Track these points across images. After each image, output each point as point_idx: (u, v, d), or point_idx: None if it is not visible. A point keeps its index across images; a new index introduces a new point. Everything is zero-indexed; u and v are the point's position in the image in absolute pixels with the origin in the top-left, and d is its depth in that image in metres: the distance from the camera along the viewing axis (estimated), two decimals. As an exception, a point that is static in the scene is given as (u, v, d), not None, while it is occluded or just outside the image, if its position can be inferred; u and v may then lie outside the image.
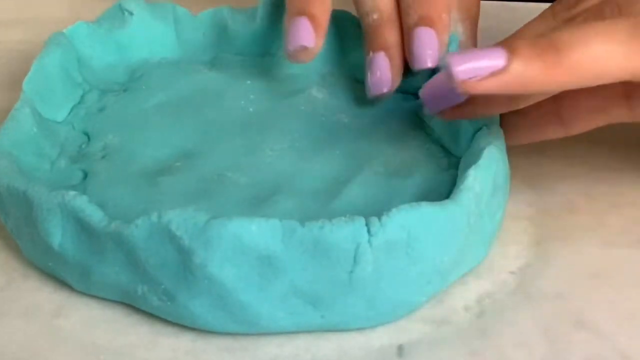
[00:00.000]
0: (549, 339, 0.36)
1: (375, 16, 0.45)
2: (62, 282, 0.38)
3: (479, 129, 0.40)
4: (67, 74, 0.45)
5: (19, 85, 0.42)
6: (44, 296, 0.38)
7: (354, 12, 0.47)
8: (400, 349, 0.36)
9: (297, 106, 0.45)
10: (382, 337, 0.36)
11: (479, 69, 0.34)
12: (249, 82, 0.47)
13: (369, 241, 0.33)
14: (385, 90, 0.44)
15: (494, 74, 0.34)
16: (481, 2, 0.48)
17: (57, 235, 0.36)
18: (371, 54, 0.45)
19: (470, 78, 0.34)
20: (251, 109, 0.45)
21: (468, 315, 0.37)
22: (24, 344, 0.36)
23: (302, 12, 0.43)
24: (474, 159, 0.37)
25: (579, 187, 0.44)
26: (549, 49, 0.35)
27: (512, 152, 0.40)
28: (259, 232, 0.33)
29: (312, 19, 0.43)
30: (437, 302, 0.37)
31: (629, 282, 0.39)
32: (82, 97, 0.46)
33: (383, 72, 0.44)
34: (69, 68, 0.45)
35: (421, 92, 0.41)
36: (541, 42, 0.35)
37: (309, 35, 0.42)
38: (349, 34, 0.48)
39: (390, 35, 0.45)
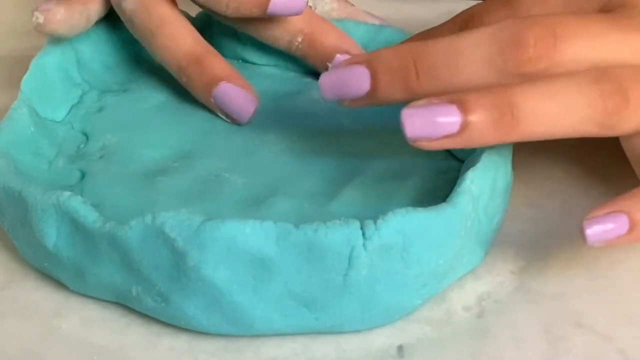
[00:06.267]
0: (549, 339, 0.36)
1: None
2: (60, 282, 0.38)
3: None
4: (66, 74, 0.45)
5: (18, 85, 0.42)
6: (42, 296, 0.38)
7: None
8: (400, 350, 0.36)
9: (296, 107, 0.45)
10: (381, 338, 0.36)
11: (432, 131, 0.34)
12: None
13: (364, 245, 0.33)
14: (252, 110, 0.43)
15: (448, 136, 0.34)
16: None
17: (52, 235, 0.36)
18: (214, 89, 0.43)
19: (421, 137, 0.34)
20: None
21: (468, 315, 0.37)
22: (22, 343, 0.36)
23: None
24: (474, 163, 0.37)
25: (579, 188, 0.44)
26: (504, 115, 0.34)
27: (513, 152, 0.40)
28: (252, 234, 0.33)
29: None
30: (437, 303, 0.37)
31: (628, 283, 0.38)
32: (81, 97, 0.46)
33: (241, 96, 0.43)
34: (68, 68, 0.45)
35: (321, 80, 0.37)
36: (496, 105, 0.34)
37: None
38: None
39: (222, 68, 0.44)
